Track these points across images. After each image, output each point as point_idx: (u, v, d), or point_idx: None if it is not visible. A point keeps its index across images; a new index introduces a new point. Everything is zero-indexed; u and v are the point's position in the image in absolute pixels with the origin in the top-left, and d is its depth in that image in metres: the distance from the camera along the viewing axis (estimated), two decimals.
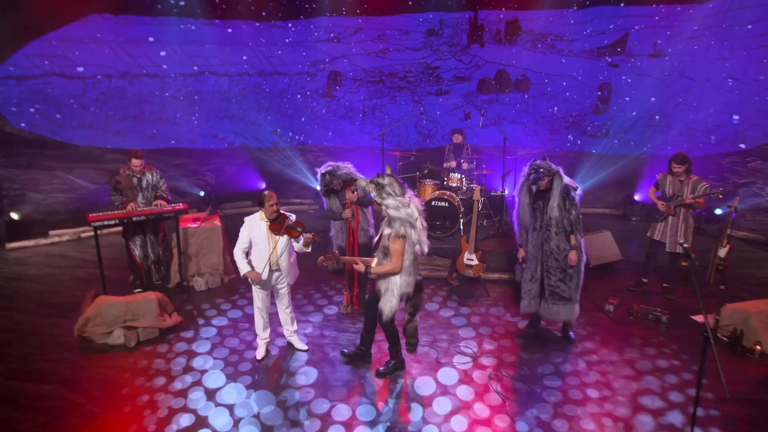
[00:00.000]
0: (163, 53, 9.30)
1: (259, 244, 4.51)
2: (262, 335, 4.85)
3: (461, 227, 7.23)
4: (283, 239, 4.58)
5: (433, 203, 7.22)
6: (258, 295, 4.71)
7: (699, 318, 5.58)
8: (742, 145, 8.53)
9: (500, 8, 9.52)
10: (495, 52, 9.81)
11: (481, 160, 8.20)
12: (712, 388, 4.27)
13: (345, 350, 4.81)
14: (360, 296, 5.78)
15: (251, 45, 9.93)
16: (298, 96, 10.43)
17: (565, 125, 9.95)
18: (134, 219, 5.82)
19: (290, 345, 5.03)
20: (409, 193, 4.17)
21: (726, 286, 6.21)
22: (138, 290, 6.23)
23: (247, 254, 4.59)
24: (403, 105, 10.34)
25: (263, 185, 10.59)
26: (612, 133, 9.76)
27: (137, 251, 6.26)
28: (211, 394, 4.31)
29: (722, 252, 6.24)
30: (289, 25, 9.99)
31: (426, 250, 4.11)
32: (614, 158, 9.74)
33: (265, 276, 4.52)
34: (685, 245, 3.70)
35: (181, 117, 9.73)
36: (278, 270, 4.63)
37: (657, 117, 9.41)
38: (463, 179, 7.67)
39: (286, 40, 10.07)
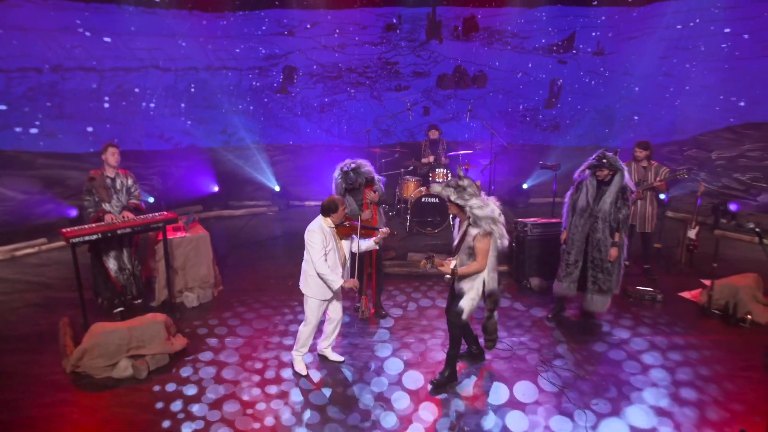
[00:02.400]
0: (100, 44, 8.28)
1: (331, 252, 4.18)
2: (303, 350, 4.48)
3: (452, 222, 7.25)
4: (345, 242, 4.31)
5: (423, 200, 7.16)
6: (319, 307, 4.35)
7: (686, 294, 6.08)
8: (679, 135, 9.42)
9: (458, 5, 9.65)
10: (453, 48, 9.95)
11: (456, 156, 8.27)
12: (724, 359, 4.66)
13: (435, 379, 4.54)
14: (377, 300, 5.57)
15: (197, 37, 9.18)
16: (250, 92, 9.84)
17: (520, 119, 10.36)
18: (119, 232, 5.11)
19: (323, 358, 4.71)
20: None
21: (718, 264, 6.45)
22: (119, 310, 5.52)
23: None
24: (362, 101, 10.15)
25: (215, 188, 9.87)
26: (562, 126, 10.33)
27: (111, 264, 5.52)
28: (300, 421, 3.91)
29: (692, 233, 6.84)
30: (239, 16, 9.37)
31: (506, 243, 4.09)
32: (565, 150, 10.32)
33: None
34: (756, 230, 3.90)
35: (122, 116, 8.75)
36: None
37: (602, 111, 10.11)
38: (449, 175, 7.69)
39: (236, 33, 9.44)
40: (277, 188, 10.02)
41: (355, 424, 3.88)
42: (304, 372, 4.45)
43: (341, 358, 4.68)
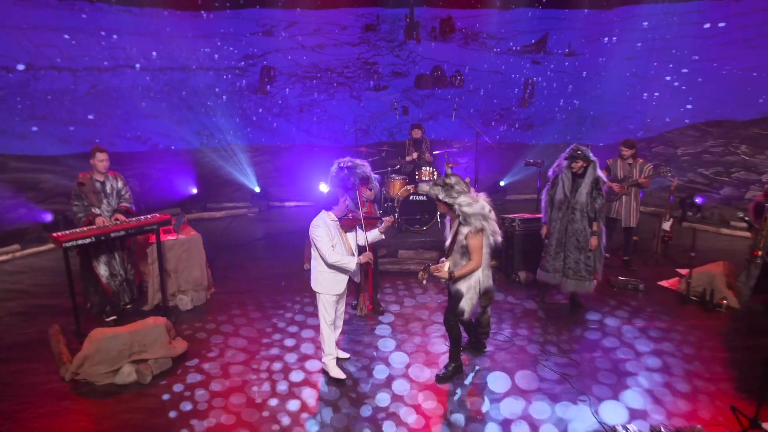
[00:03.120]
0: (74, 43, 8.01)
1: (338, 245, 4.18)
2: (332, 353, 4.43)
3: (438, 219, 7.39)
4: (350, 234, 4.33)
5: (411, 198, 7.26)
6: (332, 305, 4.33)
7: (665, 283, 6.40)
8: (647, 133, 9.87)
9: (435, 6, 9.81)
10: (431, 49, 10.10)
11: (441, 154, 8.41)
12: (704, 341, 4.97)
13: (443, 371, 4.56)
14: (375, 297, 5.63)
15: (173, 37, 9.00)
16: (228, 93, 9.71)
17: (495, 118, 10.61)
18: (112, 235, 4.99)
19: None
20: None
21: (695, 254, 6.73)
22: (112, 318, 5.39)
23: None
24: (341, 101, 10.17)
25: (194, 190, 9.70)
26: (535, 124, 10.64)
27: (102, 270, 5.39)
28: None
29: (666, 225, 7.20)
30: (216, 16, 9.24)
31: (499, 239, 4.17)
32: (539, 148, 10.64)
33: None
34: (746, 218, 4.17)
35: (97, 117, 8.49)
36: None
37: (572, 110, 10.48)
38: (435, 173, 7.82)
39: (212, 33, 9.31)
40: (257, 189, 9.93)
41: (367, 416, 3.94)
42: (342, 375, 4.38)
43: (346, 355, 4.72)
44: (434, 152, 8.16)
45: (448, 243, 4.27)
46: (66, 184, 8.26)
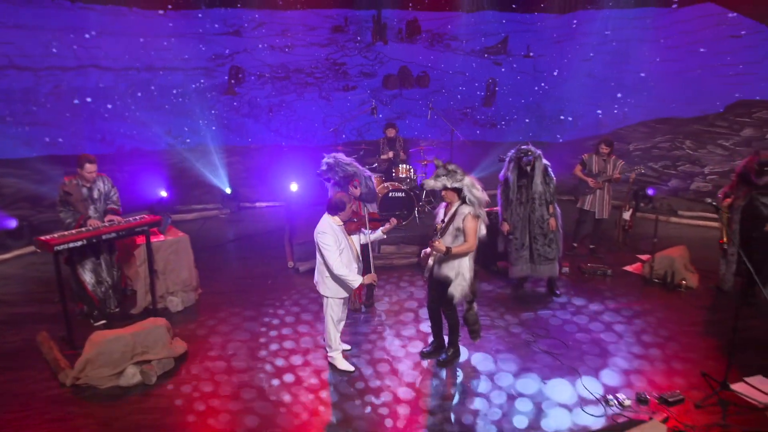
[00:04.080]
0: (34, 41, 7.69)
1: (345, 250, 4.26)
2: (338, 349, 4.57)
3: (416, 215, 7.63)
4: (355, 237, 4.45)
5: (390, 195, 7.46)
6: (339, 306, 4.43)
7: (629, 268, 6.92)
8: (601, 130, 10.51)
9: (401, 8, 10.06)
10: (397, 50, 10.34)
11: (417, 151, 8.66)
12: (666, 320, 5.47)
13: (424, 350, 4.81)
14: (368, 291, 5.79)
15: (138, 36, 8.80)
16: (195, 93, 9.57)
17: (460, 117, 10.97)
18: (104, 237, 4.90)
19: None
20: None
21: (654, 239, 7.23)
22: (101, 322, 5.29)
23: None
24: (310, 101, 10.24)
25: (163, 193, 9.48)
26: (498, 123, 11.11)
27: (88, 277, 5.27)
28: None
29: (626, 215, 7.77)
30: (182, 15, 9.10)
31: (484, 232, 4.39)
32: (501, 145, 11.10)
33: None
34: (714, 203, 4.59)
35: (60, 118, 8.18)
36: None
37: (532, 109, 11.01)
38: (411, 170, 8.05)
39: (179, 32, 9.16)
40: (228, 190, 9.84)
41: (370, 401, 4.11)
42: (350, 368, 4.50)
43: (348, 347, 4.86)
44: (411, 149, 8.40)
45: (442, 226, 4.31)
46: (29, 189, 7.93)
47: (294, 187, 9.91)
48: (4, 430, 3.75)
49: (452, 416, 3.97)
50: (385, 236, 4.67)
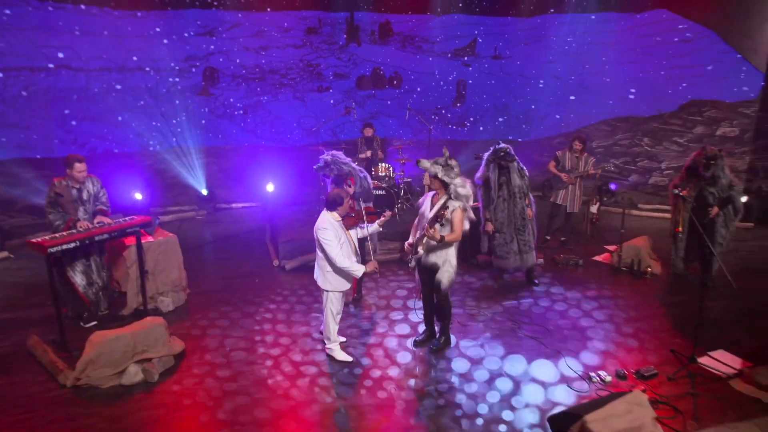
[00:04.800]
0: (3, 41, 7.49)
1: (344, 244, 4.43)
2: (336, 341, 4.74)
3: (396, 212, 7.85)
4: (353, 231, 4.61)
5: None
6: (339, 299, 4.59)
7: (598, 258, 7.36)
8: (565, 128, 11.03)
9: (374, 11, 10.27)
10: (370, 51, 10.54)
11: (395, 150, 8.88)
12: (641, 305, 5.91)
13: (417, 338, 5.03)
14: (359, 283, 5.96)
15: (110, 36, 8.67)
16: (169, 94, 9.49)
17: (432, 117, 11.28)
18: (96, 238, 4.90)
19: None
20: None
21: (622, 230, 7.70)
22: (92, 323, 5.27)
23: None
24: (285, 102, 10.31)
25: (138, 195, 9.36)
26: (468, 122, 11.48)
27: (78, 279, 5.25)
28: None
29: (594, 209, 8.24)
30: (154, 15, 9.02)
31: (467, 227, 4.64)
32: (471, 143, 11.48)
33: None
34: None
35: (30, 120, 7.98)
36: None
37: (500, 108, 11.43)
38: (390, 169, 8.26)
39: (151, 33, 9.06)
40: (205, 192, 9.81)
41: (369, 386, 4.31)
42: (348, 358, 4.67)
43: (343, 339, 5.03)
44: (389, 148, 8.62)
45: (429, 217, 4.46)
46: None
47: (270, 187, 9.99)
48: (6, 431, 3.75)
49: (446, 398, 4.20)
50: (381, 229, 4.86)
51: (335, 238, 4.34)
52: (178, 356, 4.69)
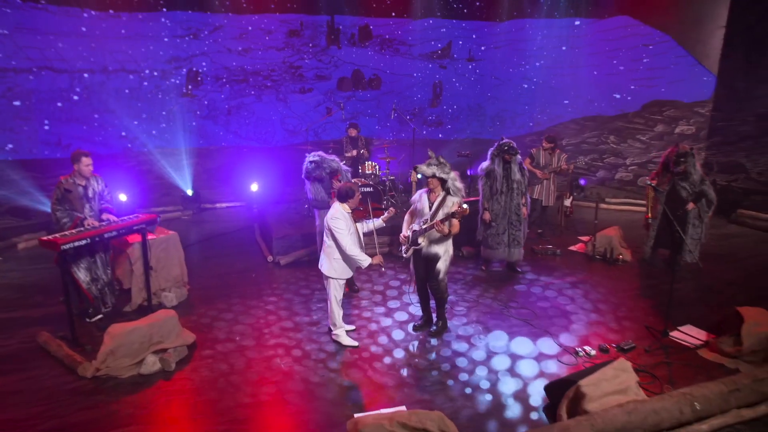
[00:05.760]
0: None
1: (353, 234, 4.72)
2: (342, 326, 5.01)
3: (397, 209, 8.18)
4: (359, 225, 4.90)
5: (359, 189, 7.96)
6: (342, 287, 4.88)
7: (573, 248, 7.89)
8: (536, 127, 11.61)
9: (354, 15, 10.58)
10: (351, 54, 10.85)
11: (380, 149, 9.20)
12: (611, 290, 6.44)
13: (416, 324, 5.37)
14: (351, 277, 6.23)
15: (92, 37, 8.68)
16: (153, 95, 9.55)
17: (409, 117, 11.67)
18: (105, 235, 5.04)
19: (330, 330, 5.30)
20: None
21: (596, 221, 8.29)
22: (98, 318, 5.39)
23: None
24: (268, 103, 10.49)
25: (122, 197, 9.38)
26: (444, 122, 11.93)
27: (82, 275, 5.35)
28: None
29: (567, 202, 8.80)
30: (137, 17, 9.07)
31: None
32: (447, 142, 11.94)
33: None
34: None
35: (13, 121, 7.93)
36: None
37: (474, 109, 11.93)
38: (376, 167, 8.58)
39: (134, 34, 9.11)
40: (190, 192, 9.89)
41: (377, 367, 4.63)
42: (355, 343, 4.96)
43: (352, 327, 5.32)
44: (374, 147, 8.94)
45: (431, 212, 4.86)
46: None
47: (254, 187, 10.17)
48: (37, 421, 3.88)
49: (449, 374, 4.56)
50: (384, 224, 5.18)
51: (346, 227, 4.65)
52: (190, 347, 4.89)
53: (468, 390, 4.33)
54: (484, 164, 6.52)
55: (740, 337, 4.64)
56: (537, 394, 4.27)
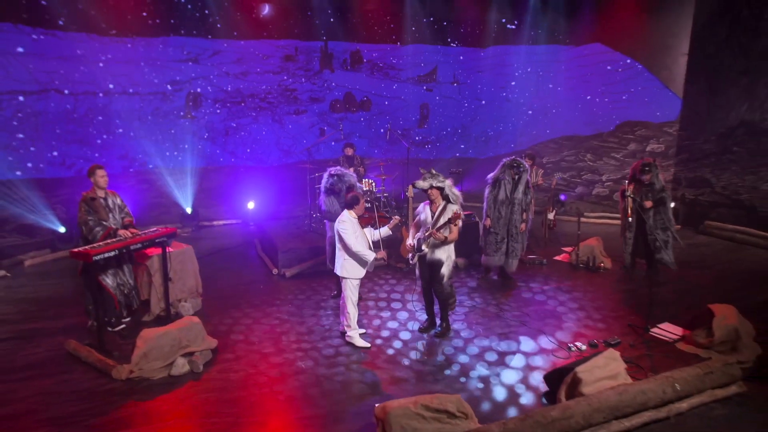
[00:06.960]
0: None
1: (360, 237, 5.16)
2: (356, 327, 5.40)
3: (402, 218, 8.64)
4: (367, 231, 5.35)
5: None
6: (356, 287, 5.29)
7: (558, 258, 8.47)
8: (517, 147, 12.31)
9: (346, 41, 11.18)
10: (343, 77, 11.40)
11: (376, 167, 9.69)
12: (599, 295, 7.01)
13: (421, 326, 5.80)
14: None
15: (97, 62, 9.03)
16: (153, 117, 9.90)
17: (398, 137, 12.24)
18: (132, 247, 5.37)
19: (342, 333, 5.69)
20: None
21: (579, 232, 9.22)
22: (122, 326, 5.68)
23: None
24: (264, 124, 10.93)
25: None
26: (431, 142, 12.53)
27: (109, 281, 5.63)
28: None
29: (551, 215, 9.41)
30: (139, 42, 9.47)
31: (460, 224, 5.50)
32: (434, 161, 12.54)
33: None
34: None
35: (19, 142, 8.19)
36: None
37: (459, 129, 12.58)
38: (373, 184, 9.06)
39: (137, 58, 9.50)
40: (189, 210, 10.19)
41: (389, 367, 5.04)
42: (367, 344, 5.35)
43: (363, 330, 5.70)
44: (370, 165, 9.43)
45: (432, 221, 5.31)
46: None
47: (251, 205, 10.55)
48: (82, 417, 4.16)
49: (456, 369, 5.00)
50: (390, 233, 5.63)
51: (352, 229, 5.14)
52: (213, 350, 5.21)
53: (474, 381, 4.78)
54: (492, 174, 7.06)
55: (711, 330, 5.21)
56: (536, 383, 4.74)
